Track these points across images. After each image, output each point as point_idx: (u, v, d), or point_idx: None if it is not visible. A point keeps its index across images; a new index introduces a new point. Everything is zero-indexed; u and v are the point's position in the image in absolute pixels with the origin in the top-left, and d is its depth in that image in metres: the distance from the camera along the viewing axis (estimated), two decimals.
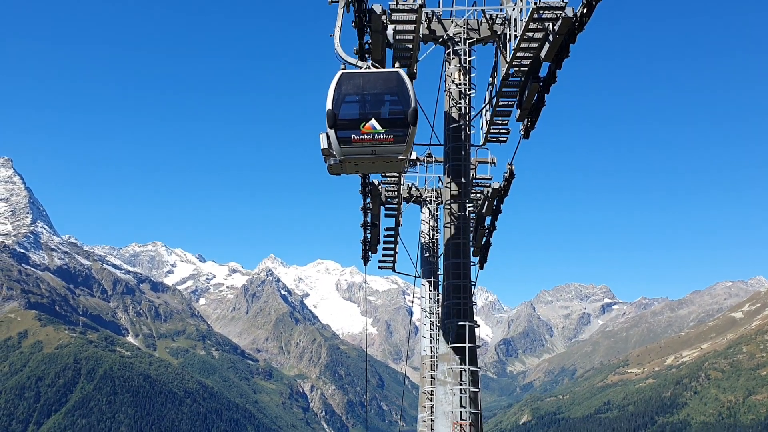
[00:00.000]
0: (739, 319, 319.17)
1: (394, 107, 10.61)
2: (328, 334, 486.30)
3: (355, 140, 10.47)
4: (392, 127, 10.45)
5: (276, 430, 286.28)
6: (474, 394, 12.47)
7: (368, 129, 10.40)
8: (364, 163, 11.10)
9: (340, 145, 10.52)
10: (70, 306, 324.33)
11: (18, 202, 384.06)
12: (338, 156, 10.71)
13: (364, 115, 10.57)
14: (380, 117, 10.53)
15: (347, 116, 10.54)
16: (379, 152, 10.63)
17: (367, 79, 10.78)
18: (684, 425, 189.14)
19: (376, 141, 10.44)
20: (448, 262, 13.18)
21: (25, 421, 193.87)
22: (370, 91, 10.74)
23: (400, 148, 10.52)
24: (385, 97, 10.77)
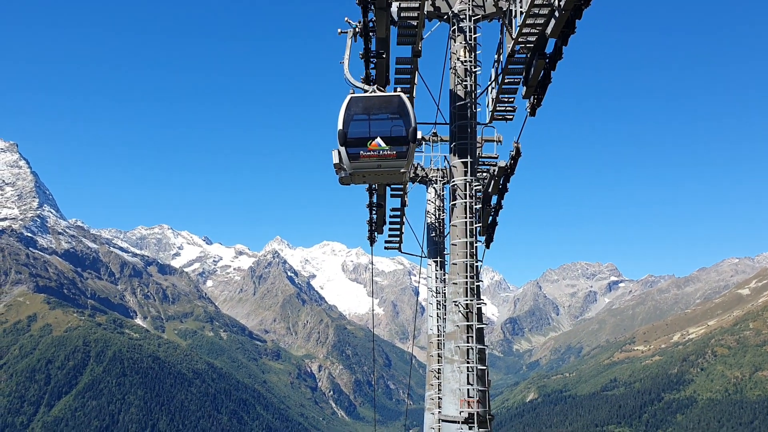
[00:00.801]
0: (745, 296, 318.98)
1: (397, 126, 11.93)
2: (335, 314, 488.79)
3: (363, 156, 11.83)
4: (395, 144, 11.81)
5: (285, 409, 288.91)
6: (481, 372, 12.51)
7: (374, 146, 11.78)
8: (371, 175, 12.42)
9: (349, 161, 11.86)
10: (78, 289, 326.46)
11: (24, 187, 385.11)
12: (348, 170, 12.08)
13: (371, 133, 11.90)
14: (384, 135, 11.87)
15: (356, 135, 11.88)
16: (383, 166, 12.00)
17: (373, 101, 12.08)
18: (690, 402, 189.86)
19: (382, 157, 11.81)
20: (454, 242, 13.16)
21: (36, 403, 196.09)
22: (376, 113, 12.09)
23: (402, 163, 11.87)
24: (388, 117, 12.08)
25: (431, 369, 19.36)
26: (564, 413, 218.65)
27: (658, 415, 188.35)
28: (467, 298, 12.74)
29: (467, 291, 12.77)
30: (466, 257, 12.86)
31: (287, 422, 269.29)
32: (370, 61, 12.67)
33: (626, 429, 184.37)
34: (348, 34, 12.81)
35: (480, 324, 12.81)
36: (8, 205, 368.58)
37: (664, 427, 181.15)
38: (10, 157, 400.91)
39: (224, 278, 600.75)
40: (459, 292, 12.83)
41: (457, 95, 13.14)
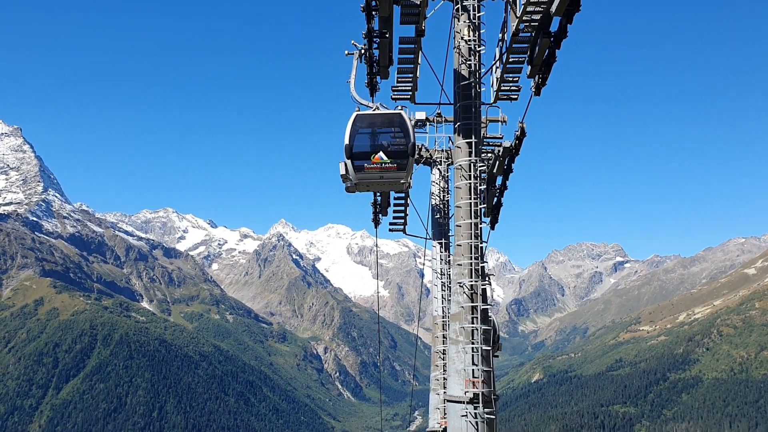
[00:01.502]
0: (752, 275, 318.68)
1: (397, 142, 13.14)
2: (341, 297, 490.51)
3: (367, 168, 13.09)
4: (396, 157, 13.06)
5: (291, 391, 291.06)
6: (486, 352, 12.52)
7: (377, 159, 13.03)
8: (374, 185, 13.72)
9: (355, 173, 13.13)
10: (84, 273, 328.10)
11: (29, 171, 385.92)
12: (354, 180, 13.33)
13: (374, 148, 13.14)
14: (386, 150, 13.10)
15: (360, 149, 13.12)
16: (385, 178, 13.28)
17: (376, 118, 13.24)
18: (696, 381, 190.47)
19: (383, 169, 13.08)
20: (458, 223, 13.10)
21: (45, 386, 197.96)
22: (379, 129, 13.24)
23: (402, 174, 13.17)
24: (390, 133, 13.23)
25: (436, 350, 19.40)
26: (569, 393, 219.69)
27: (664, 394, 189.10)
28: (472, 279, 12.72)
29: (472, 272, 12.75)
30: (471, 238, 12.81)
31: (294, 404, 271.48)
32: (373, 41, 12.85)
33: (631, 409, 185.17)
34: (354, 56, 13.77)
35: (484, 305, 12.81)
36: (13, 189, 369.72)
37: (670, 406, 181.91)
38: (15, 142, 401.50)
39: (229, 261, 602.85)
40: (464, 273, 12.80)
41: (462, 75, 13.01)
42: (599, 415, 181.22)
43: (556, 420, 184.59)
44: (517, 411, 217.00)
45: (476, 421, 12.12)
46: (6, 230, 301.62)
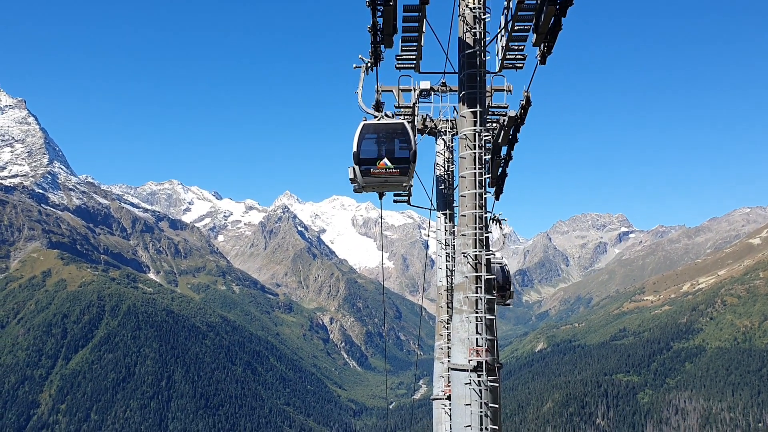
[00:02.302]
0: (756, 245, 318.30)
1: (401, 149, 14.29)
2: (346, 268, 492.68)
3: (373, 173, 14.26)
4: (399, 163, 14.22)
5: (297, 360, 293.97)
6: (489, 322, 12.59)
7: (382, 165, 14.21)
8: (379, 186, 15.08)
9: (362, 176, 14.33)
10: (90, 245, 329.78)
11: (34, 143, 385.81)
12: (361, 183, 14.63)
13: (380, 154, 14.30)
14: (390, 156, 14.29)
15: (367, 155, 14.27)
16: (389, 181, 14.46)
17: (381, 127, 14.35)
18: (699, 350, 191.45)
19: (388, 173, 14.26)
20: (463, 193, 13.08)
21: (54, 357, 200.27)
22: (384, 137, 14.35)
23: (404, 177, 14.36)
24: (394, 141, 14.35)
25: (440, 319, 19.51)
26: (573, 362, 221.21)
27: (667, 363, 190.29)
28: (476, 249, 12.74)
29: (476, 242, 12.77)
30: (476, 209, 12.80)
31: (300, 373, 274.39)
32: (376, 8, 12.85)
33: (635, 377, 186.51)
34: (361, 69, 14.78)
35: (488, 275, 12.84)
36: (19, 162, 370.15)
37: (673, 375, 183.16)
38: (19, 114, 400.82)
39: (235, 233, 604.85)
40: (468, 243, 12.82)
41: (466, 43, 12.87)
42: (602, 383, 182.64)
43: (559, 388, 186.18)
44: (521, 380, 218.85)
45: (480, 388, 12.24)
46: (12, 202, 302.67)
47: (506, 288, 17.80)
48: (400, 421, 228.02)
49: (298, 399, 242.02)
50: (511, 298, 18.12)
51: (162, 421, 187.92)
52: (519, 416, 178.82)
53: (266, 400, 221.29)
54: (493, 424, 12.22)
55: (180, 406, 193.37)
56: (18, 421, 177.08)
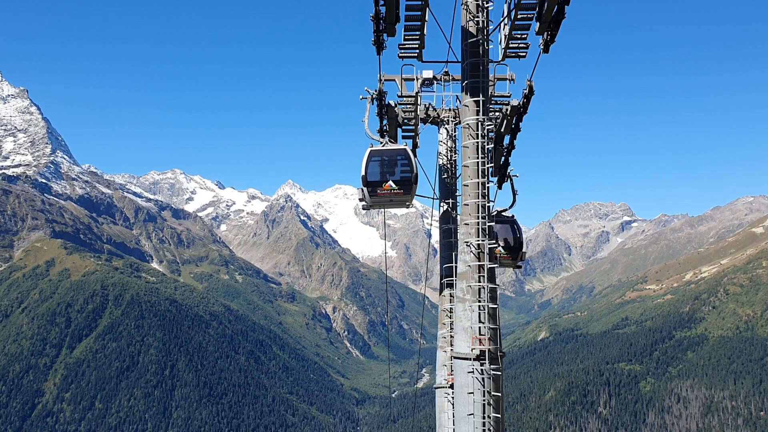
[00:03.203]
0: (759, 234, 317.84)
1: (404, 172, 15.51)
2: (349, 257, 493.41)
3: (380, 193, 15.48)
4: (402, 185, 15.42)
5: (300, 349, 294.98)
6: (492, 311, 12.62)
7: (387, 187, 15.43)
8: (385, 204, 16.22)
9: (369, 196, 15.59)
10: (94, 234, 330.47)
11: (36, 133, 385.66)
12: (369, 203, 15.87)
13: (385, 177, 15.51)
14: (394, 179, 15.48)
15: (374, 178, 15.51)
16: (394, 200, 15.66)
17: (386, 153, 15.59)
18: (701, 339, 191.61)
19: (393, 194, 15.46)
20: (466, 183, 13.09)
21: (58, 346, 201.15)
22: (388, 161, 15.63)
23: (408, 197, 15.55)
24: (397, 164, 15.62)
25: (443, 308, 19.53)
26: (575, 351, 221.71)
27: (669, 352, 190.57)
28: (479, 238, 12.76)
29: (479, 231, 12.78)
30: (478, 198, 12.81)
31: (303, 362, 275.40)
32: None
33: (637, 366, 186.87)
34: (367, 99, 16.11)
35: (491, 264, 12.86)
36: (21, 151, 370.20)
37: (675, 364, 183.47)
38: (21, 103, 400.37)
39: (237, 222, 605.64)
40: (471, 233, 12.84)
41: (469, 32, 12.83)
42: (605, 372, 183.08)
43: (561, 377, 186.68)
44: (524, 368, 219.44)
45: (482, 377, 12.29)
46: (16, 192, 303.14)
47: (518, 248, 17.36)
48: (403, 409, 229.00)
49: (301, 388, 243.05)
50: (522, 259, 17.42)
51: (166, 409, 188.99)
52: (521, 405, 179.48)
53: (269, 388, 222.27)
54: (496, 413, 12.28)
55: (183, 395, 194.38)
56: (23, 409, 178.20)
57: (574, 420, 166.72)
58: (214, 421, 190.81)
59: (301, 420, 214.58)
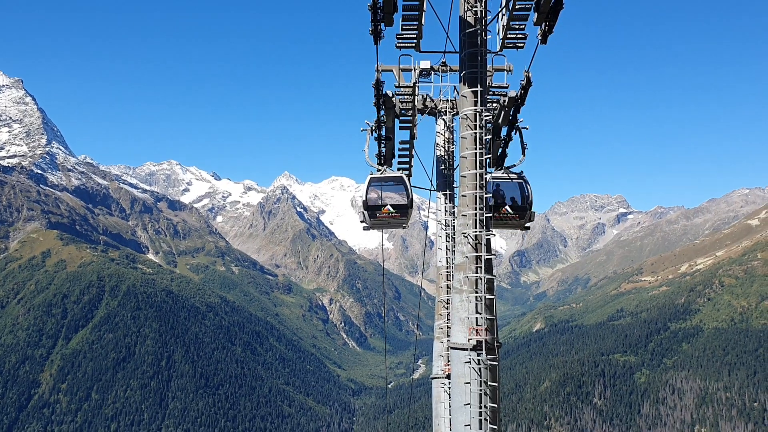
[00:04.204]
0: (755, 226, 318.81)
1: (400, 197, 16.98)
2: (345, 249, 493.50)
3: (379, 216, 16.98)
4: (399, 209, 16.88)
5: (297, 340, 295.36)
6: (489, 301, 12.65)
7: (386, 210, 16.90)
8: (384, 225, 17.58)
9: (370, 218, 17.12)
10: (90, 225, 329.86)
11: (32, 123, 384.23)
12: (369, 224, 17.41)
13: (383, 202, 17.00)
14: (392, 204, 16.99)
15: (373, 203, 17.00)
16: (392, 222, 17.24)
17: (384, 180, 17.14)
18: (696, 331, 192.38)
19: (391, 216, 17.00)
20: (463, 174, 13.09)
21: (55, 336, 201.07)
22: (387, 188, 17.07)
23: (404, 219, 17.12)
24: (395, 192, 17.09)
25: (440, 299, 19.57)
26: (570, 342, 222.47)
27: (664, 343, 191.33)
28: (476, 229, 12.77)
29: (476, 222, 12.79)
30: (476, 189, 12.81)
31: (300, 353, 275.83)
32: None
33: (632, 357, 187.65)
34: (367, 131, 17.87)
35: (488, 254, 12.88)
36: (16, 142, 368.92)
37: (670, 355, 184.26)
38: (16, 94, 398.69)
39: (234, 214, 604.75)
40: (468, 224, 12.84)
41: (467, 22, 12.79)
42: (599, 363, 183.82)
43: (556, 368, 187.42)
44: (519, 359, 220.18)
45: (479, 367, 12.34)
46: (11, 183, 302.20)
47: (526, 207, 16.46)
48: (399, 400, 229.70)
49: (297, 379, 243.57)
50: (531, 220, 16.60)
51: (162, 400, 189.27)
52: (516, 395, 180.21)
53: (266, 379, 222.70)
54: (492, 402, 12.33)
55: (180, 386, 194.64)
56: (19, 400, 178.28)
57: (569, 410, 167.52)
58: (210, 412, 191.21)
59: (298, 411, 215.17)
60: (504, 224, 16.29)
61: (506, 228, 16.54)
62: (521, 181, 16.85)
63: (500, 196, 15.99)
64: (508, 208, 16.38)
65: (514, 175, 16.69)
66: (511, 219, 16.48)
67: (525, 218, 16.60)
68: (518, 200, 16.45)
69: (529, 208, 16.48)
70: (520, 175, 16.74)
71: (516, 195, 16.46)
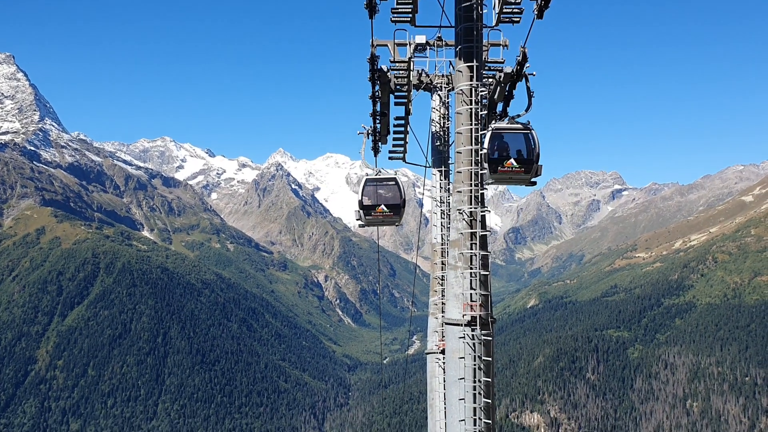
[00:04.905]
0: (749, 203, 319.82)
1: (393, 198, 18.09)
2: (340, 226, 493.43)
3: (374, 215, 18.05)
4: (392, 208, 17.97)
5: (293, 317, 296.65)
6: (484, 277, 12.69)
7: (380, 210, 17.96)
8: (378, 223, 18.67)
9: (365, 217, 18.15)
10: (84, 202, 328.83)
11: (24, 99, 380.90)
12: (364, 222, 18.39)
13: (378, 201, 17.98)
14: (386, 203, 17.98)
15: (369, 203, 18.02)
16: (386, 221, 18.33)
17: (379, 181, 18.17)
18: (689, 306, 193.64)
19: (384, 215, 18.09)
20: (459, 150, 13.05)
21: (50, 314, 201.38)
22: (381, 188, 18.13)
23: (397, 218, 18.25)
24: (388, 192, 18.14)
25: (435, 276, 19.63)
26: (564, 318, 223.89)
27: (657, 319, 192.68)
28: (471, 205, 12.76)
29: (471, 198, 12.78)
30: (471, 165, 12.79)
31: (295, 329, 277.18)
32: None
33: (625, 333, 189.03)
34: (364, 134, 19.09)
35: (483, 231, 12.89)
36: (9, 118, 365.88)
37: (663, 331, 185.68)
38: (8, 70, 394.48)
39: (228, 191, 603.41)
40: (463, 200, 12.84)
41: None
42: (593, 338, 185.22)
43: (550, 344, 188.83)
44: (513, 335, 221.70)
45: (473, 342, 12.42)
46: (4, 160, 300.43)
47: (532, 160, 14.76)
48: (394, 375, 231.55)
49: (293, 354, 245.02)
50: (538, 174, 14.96)
51: (159, 376, 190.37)
52: (510, 371, 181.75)
53: (262, 355, 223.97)
54: (486, 377, 12.43)
55: (176, 362, 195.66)
56: (16, 376, 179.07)
57: (562, 385, 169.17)
58: (207, 388, 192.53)
59: (294, 386, 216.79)
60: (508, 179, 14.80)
61: (511, 183, 15.11)
62: (527, 131, 15.07)
63: (504, 149, 14.55)
64: (513, 161, 14.74)
65: (519, 126, 15.09)
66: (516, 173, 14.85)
67: (531, 172, 14.96)
68: (524, 153, 14.77)
69: (535, 161, 14.80)
70: (526, 126, 15.05)
71: (521, 147, 14.82)
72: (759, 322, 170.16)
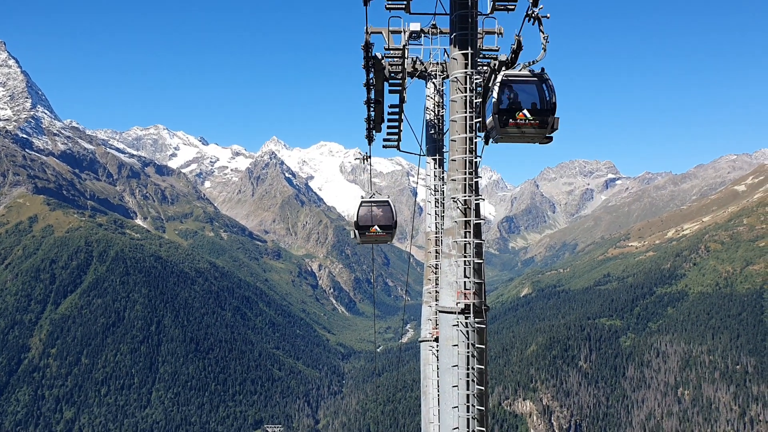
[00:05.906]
0: (741, 192, 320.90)
1: (386, 219, 20.20)
2: (334, 215, 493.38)
3: (368, 235, 20.15)
4: (385, 229, 20.11)
5: (287, 306, 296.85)
6: (478, 266, 12.70)
7: (374, 230, 19.98)
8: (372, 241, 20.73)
9: (359, 236, 20.24)
10: (77, 190, 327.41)
11: (15, 87, 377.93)
12: (359, 241, 20.40)
13: (371, 222, 20.04)
14: (379, 224, 20.05)
15: (363, 223, 20.11)
16: (379, 240, 20.38)
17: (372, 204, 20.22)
18: (682, 295, 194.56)
19: (378, 235, 20.20)
20: (453, 138, 13.02)
21: (43, 302, 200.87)
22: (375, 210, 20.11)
23: (389, 238, 20.45)
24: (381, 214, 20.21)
25: (429, 264, 19.67)
26: (557, 307, 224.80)
27: (650, 308, 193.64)
28: (466, 194, 12.75)
29: (466, 187, 12.77)
30: (466, 153, 12.76)
31: (289, 318, 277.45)
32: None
33: (617, 321, 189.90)
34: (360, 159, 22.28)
35: (477, 219, 12.89)
36: (0, 105, 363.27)
37: (655, 319, 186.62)
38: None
39: (222, 179, 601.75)
40: (458, 189, 12.83)
41: None
42: (585, 327, 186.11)
43: (543, 332, 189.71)
44: (506, 323, 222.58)
45: (467, 330, 12.45)
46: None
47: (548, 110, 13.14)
48: (388, 363, 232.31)
49: (287, 343, 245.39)
50: (555, 128, 13.24)
51: (152, 364, 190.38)
52: (503, 359, 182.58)
53: (256, 344, 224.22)
54: (480, 364, 12.47)
55: (170, 350, 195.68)
56: (9, 364, 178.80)
57: (555, 373, 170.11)
58: (200, 376, 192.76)
59: (288, 374, 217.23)
60: (521, 135, 13.17)
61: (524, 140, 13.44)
62: (542, 80, 13.40)
63: (515, 100, 13.02)
64: (526, 112, 13.10)
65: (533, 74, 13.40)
66: (530, 126, 13.14)
67: (547, 125, 13.20)
68: (538, 104, 13.25)
69: (552, 112, 13.13)
70: (541, 74, 13.37)
71: (535, 98, 13.26)
72: (750, 311, 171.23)
